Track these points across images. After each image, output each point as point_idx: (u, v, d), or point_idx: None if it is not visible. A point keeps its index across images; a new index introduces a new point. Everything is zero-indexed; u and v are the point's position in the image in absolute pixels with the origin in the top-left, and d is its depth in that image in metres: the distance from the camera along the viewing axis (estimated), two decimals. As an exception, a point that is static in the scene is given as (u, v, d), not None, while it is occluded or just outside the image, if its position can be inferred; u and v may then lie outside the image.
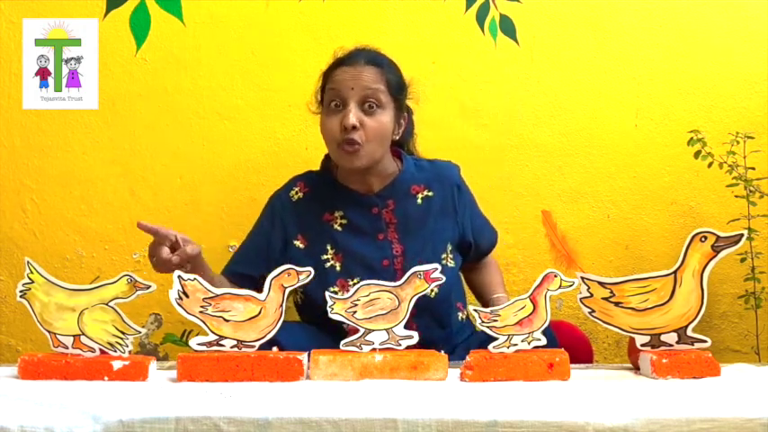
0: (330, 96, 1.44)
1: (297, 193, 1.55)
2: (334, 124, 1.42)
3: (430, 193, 1.53)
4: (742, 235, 1.07)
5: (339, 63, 1.47)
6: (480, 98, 1.95)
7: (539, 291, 1.09)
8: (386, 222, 1.49)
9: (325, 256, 1.47)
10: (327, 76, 1.48)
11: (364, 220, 1.49)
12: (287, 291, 1.09)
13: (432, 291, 1.42)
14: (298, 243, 1.49)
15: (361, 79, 1.42)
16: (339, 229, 1.49)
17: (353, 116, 1.39)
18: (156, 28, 1.92)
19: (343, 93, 1.42)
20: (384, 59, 1.48)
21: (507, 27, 1.95)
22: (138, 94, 1.93)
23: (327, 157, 1.55)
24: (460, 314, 1.53)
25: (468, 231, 1.56)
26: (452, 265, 1.52)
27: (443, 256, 1.50)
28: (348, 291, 1.33)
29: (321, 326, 1.38)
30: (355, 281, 1.42)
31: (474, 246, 1.58)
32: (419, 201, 1.52)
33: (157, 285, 1.10)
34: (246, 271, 1.49)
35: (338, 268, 1.46)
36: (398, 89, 1.48)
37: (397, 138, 1.52)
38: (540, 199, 1.95)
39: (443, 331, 1.48)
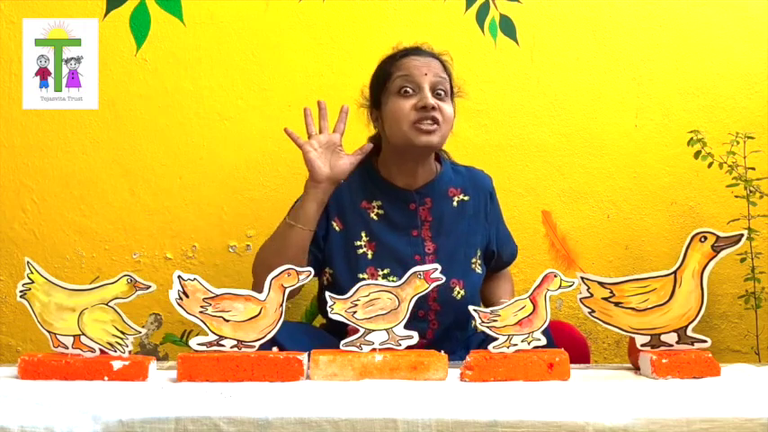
0: (401, 83, 1.44)
1: None
2: (408, 107, 1.42)
3: (465, 198, 1.54)
4: (742, 235, 1.07)
5: (406, 53, 1.49)
6: (480, 98, 1.95)
7: (539, 291, 1.09)
8: (421, 219, 1.50)
9: (358, 242, 1.48)
10: (393, 64, 1.48)
11: (401, 215, 1.50)
12: (287, 291, 1.09)
13: (458, 293, 1.45)
14: (335, 225, 1.50)
15: (432, 67, 1.45)
16: (375, 218, 1.50)
17: (432, 98, 1.42)
18: (156, 28, 1.92)
19: (418, 78, 1.43)
20: (442, 53, 1.52)
21: (507, 27, 1.95)
22: (138, 94, 1.93)
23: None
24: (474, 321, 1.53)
25: (494, 240, 1.58)
26: (480, 272, 1.53)
27: (473, 260, 1.51)
28: (377, 280, 1.38)
29: (342, 328, 1.37)
30: (385, 271, 1.44)
31: (496, 256, 1.60)
32: (455, 203, 1.53)
33: (157, 285, 1.10)
34: None
35: (369, 256, 1.46)
36: (453, 85, 1.51)
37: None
38: (540, 199, 1.95)
39: (462, 333, 1.50)
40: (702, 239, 1.07)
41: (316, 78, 1.95)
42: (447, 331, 1.45)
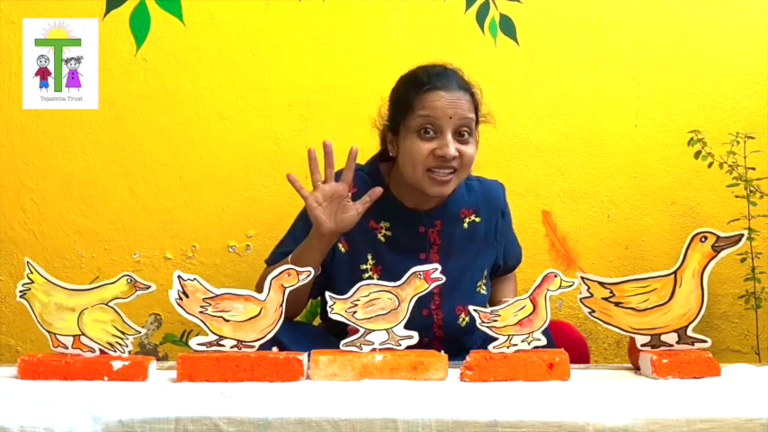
0: (423, 122, 1.36)
1: None
2: (426, 151, 1.35)
3: (477, 219, 1.50)
4: (742, 235, 1.07)
5: (433, 85, 1.38)
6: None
7: (539, 291, 1.09)
8: (430, 243, 1.46)
9: (364, 266, 1.45)
10: (417, 97, 1.38)
11: (409, 238, 1.45)
12: (287, 291, 1.09)
13: (463, 320, 1.45)
14: (340, 246, 1.45)
15: (458, 107, 1.36)
16: (382, 240, 1.45)
17: (454, 147, 1.34)
18: (156, 28, 1.92)
19: (441, 121, 1.35)
20: (472, 84, 1.43)
21: (507, 27, 1.95)
22: (138, 94, 1.93)
23: (379, 159, 1.50)
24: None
25: (501, 254, 1.56)
26: (484, 293, 1.51)
27: (479, 283, 1.50)
28: None
29: (341, 329, 1.37)
30: None
31: (502, 266, 1.59)
32: (465, 225, 1.49)
33: (157, 285, 1.10)
34: None
35: (375, 280, 1.43)
36: (479, 117, 1.44)
37: None
38: (540, 199, 1.95)
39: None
40: (702, 239, 1.07)
41: (316, 78, 1.95)
42: (451, 359, 1.43)
